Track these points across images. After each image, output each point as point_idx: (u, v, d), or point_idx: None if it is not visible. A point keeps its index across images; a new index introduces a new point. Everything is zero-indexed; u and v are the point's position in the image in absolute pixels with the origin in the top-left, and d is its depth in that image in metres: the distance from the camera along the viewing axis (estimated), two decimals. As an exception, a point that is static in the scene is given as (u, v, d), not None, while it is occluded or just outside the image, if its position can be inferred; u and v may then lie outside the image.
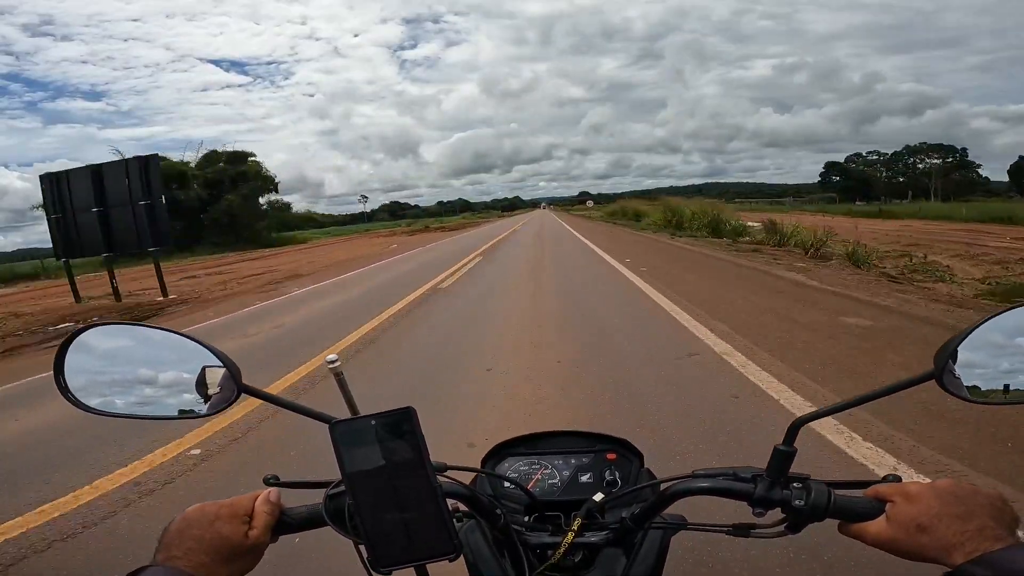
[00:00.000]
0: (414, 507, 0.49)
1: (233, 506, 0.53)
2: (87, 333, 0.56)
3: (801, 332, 4.44)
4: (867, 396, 0.52)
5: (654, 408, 3.04)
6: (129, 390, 0.58)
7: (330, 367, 0.59)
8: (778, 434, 0.56)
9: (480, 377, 3.84)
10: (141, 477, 2.62)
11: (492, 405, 3.30)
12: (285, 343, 5.56)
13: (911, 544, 0.47)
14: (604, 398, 3.28)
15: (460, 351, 4.68)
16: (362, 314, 6.49)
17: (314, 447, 2.54)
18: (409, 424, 0.49)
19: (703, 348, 4.15)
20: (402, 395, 3.55)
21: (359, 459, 0.49)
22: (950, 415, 2.57)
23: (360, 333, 5.53)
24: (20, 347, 6.88)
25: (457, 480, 0.60)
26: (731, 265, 9.10)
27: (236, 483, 2.48)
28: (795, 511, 0.54)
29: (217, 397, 0.58)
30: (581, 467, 0.77)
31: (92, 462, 2.81)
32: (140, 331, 0.58)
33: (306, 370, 4.26)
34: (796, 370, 3.47)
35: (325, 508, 0.55)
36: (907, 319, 4.71)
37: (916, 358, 3.52)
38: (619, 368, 3.84)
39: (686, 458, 2.40)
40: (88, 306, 9.56)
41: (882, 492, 0.51)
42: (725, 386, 3.32)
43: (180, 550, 0.48)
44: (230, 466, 2.71)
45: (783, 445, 0.55)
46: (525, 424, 2.88)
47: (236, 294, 10.62)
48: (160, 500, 2.41)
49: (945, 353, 0.50)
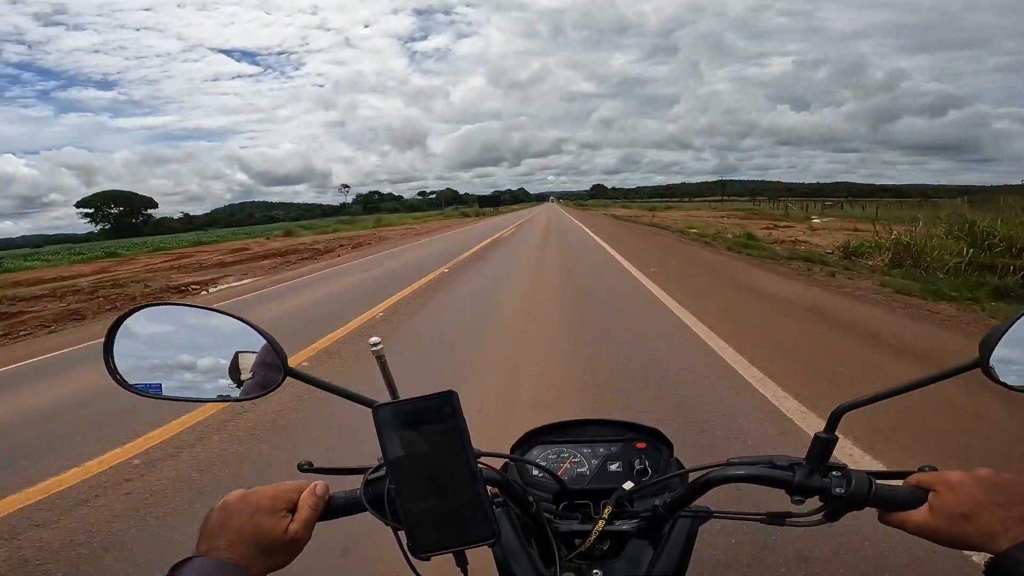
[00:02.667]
0: (454, 492, 0.49)
1: (275, 498, 0.51)
2: (137, 314, 0.56)
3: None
4: (912, 384, 0.52)
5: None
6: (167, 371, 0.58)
7: (372, 350, 0.59)
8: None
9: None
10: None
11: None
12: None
13: (954, 532, 0.47)
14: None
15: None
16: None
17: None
18: (451, 408, 0.49)
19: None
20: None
21: (401, 443, 0.49)
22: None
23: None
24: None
25: (490, 466, 0.60)
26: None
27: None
28: (835, 499, 0.54)
29: (262, 379, 0.58)
30: (610, 456, 0.77)
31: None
32: (190, 312, 0.58)
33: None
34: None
35: (364, 494, 0.55)
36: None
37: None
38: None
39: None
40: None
41: (923, 481, 0.51)
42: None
43: (222, 541, 0.48)
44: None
45: (824, 433, 0.55)
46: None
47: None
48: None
49: (990, 343, 0.51)
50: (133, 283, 12.33)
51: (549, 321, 5.36)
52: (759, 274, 7.88)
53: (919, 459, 0.57)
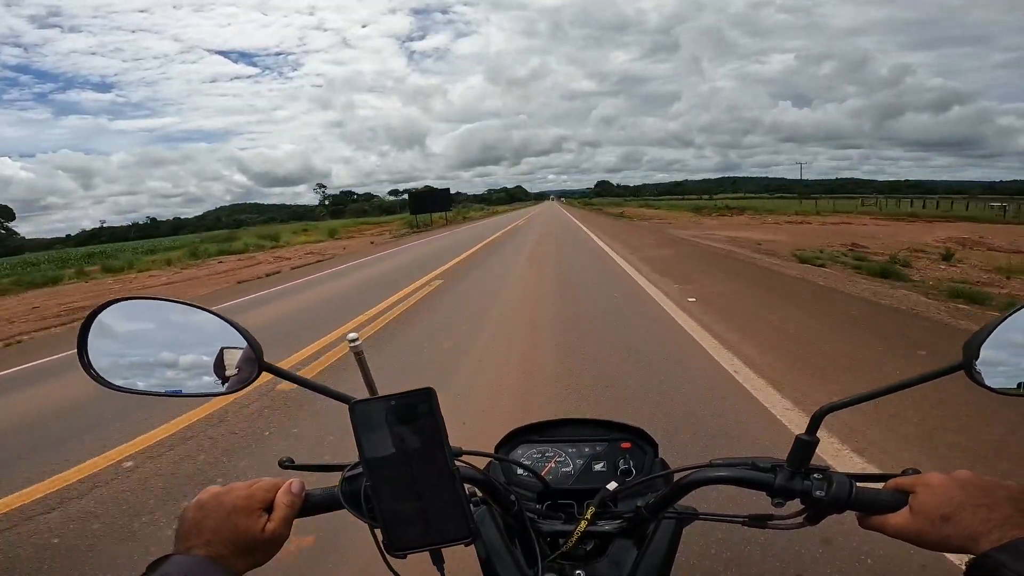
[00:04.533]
0: (431, 491, 0.48)
1: (251, 497, 0.51)
2: (109, 309, 0.56)
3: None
4: (895, 386, 0.52)
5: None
6: (149, 368, 0.57)
7: (350, 346, 0.58)
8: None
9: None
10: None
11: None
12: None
13: (935, 534, 0.47)
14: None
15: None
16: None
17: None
18: (428, 405, 0.49)
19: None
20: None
21: (377, 441, 0.49)
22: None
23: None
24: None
25: (472, 465, 0.59)
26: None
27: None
28: (815, 502, 0.53)
29: (238, 375, 0.57)
30: (595, 455, 0.76)
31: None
32: (163, 306, 0.57)
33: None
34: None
35: (342, 491, 0.54)
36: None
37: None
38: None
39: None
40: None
41: (903, 484, 0.51)
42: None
43: (199, 540, 0.48)
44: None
45: (805, 435, 0.54)
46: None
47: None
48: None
49: (972, 346, 0.50)
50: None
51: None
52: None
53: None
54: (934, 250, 11.57)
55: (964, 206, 34.49)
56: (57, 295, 11.37)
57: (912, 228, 19.66)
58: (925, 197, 53.39)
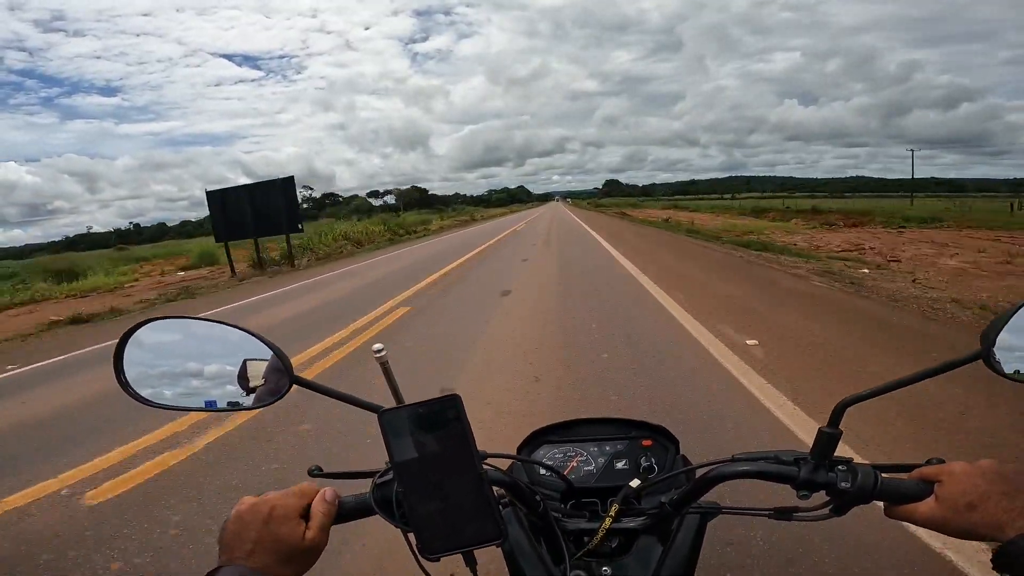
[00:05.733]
0: (461, 494, 0.49)
1: (287, 507, 0.51)
2: (143, 329, 0.57)
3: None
4: (914, 377, 0.52)
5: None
6: (179, 382, 0.59)
7: (376, 356, 0.59)
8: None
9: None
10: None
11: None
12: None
13: (961, 522, 0.48)
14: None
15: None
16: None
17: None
18: (455, 411, 0.50)
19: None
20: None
21: (406, 447, 0.50)
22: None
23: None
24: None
25: (496, 467, 0.60)
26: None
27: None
28: (841, 493, 0.54)
29: (267, 388, 0.59)
30: (616, 454, 0.77)
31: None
32: (195, 324, 0.59)
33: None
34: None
35: (373, 497, 0.55)
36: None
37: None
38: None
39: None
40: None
41: (928, 473, 0.52)
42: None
43: (241, 552, 0.48)
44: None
45: (828, 427, 0.55)
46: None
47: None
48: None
49: (990, 334, 0.51)
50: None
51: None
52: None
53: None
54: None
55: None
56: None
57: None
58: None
